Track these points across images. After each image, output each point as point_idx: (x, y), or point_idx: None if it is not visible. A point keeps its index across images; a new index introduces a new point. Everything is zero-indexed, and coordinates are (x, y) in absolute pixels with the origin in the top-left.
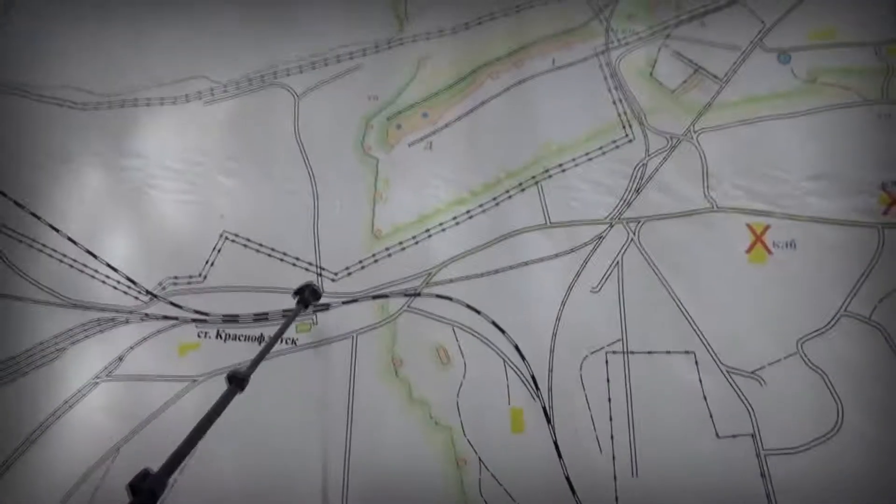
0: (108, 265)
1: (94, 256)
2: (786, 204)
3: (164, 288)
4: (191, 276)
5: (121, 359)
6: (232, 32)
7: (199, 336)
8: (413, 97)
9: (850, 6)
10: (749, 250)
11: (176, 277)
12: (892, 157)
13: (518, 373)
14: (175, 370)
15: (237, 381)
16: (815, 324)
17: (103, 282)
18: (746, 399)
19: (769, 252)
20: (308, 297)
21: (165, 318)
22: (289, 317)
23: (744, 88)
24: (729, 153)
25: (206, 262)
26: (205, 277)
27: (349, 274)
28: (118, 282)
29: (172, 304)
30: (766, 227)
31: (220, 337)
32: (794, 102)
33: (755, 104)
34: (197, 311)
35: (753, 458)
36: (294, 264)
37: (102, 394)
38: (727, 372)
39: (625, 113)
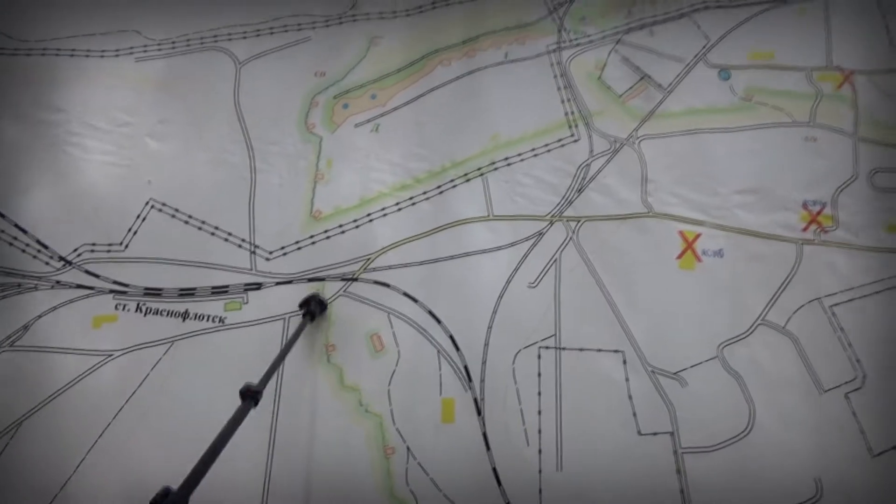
0: (17, 226)
1: (2, 216)
2: (716, 214)
3: (79, 255)
4: (111, 245)
5: (26, 328)
6: None
7: (116, 308)
8: (362, 77)
9: (788, 32)
10: (680, 256)
11: (94, 244)
12: (814, 177)
13: (452, 363)
14: (89, 343)
15: (252, 395)
16: (736, 330)
17: (10, 244)
18: (668, 399)
19: (698, 259)
20: (314, 308)
21: (80, 286)
22: (296, 331)
23: (685, 100)
24: (667, 161)
25: (129, 231)
26: (126, 246)
27: (284, 254)
28: (27, 244)
29: (88, 272)
30: (697, 236)
31: (140, 311)
32: (730, 118)
33: (695, 116)
34: (116, 282)
35: (671, 455)
36: (226, 239)
37: (4, 364)
38: (652, 372)
39: (572, 113)
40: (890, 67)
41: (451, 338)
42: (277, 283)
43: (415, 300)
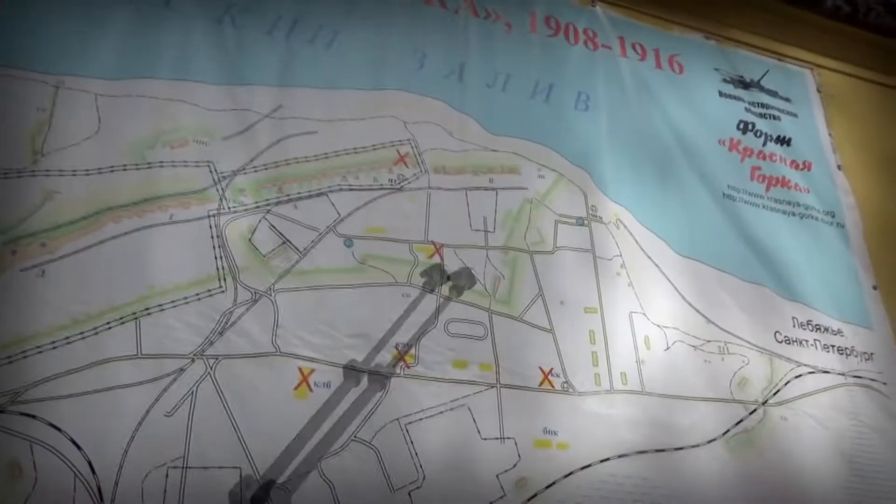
0: None
1: None
2: (329, 353)
3: None
4: None
5: None
6: None
7: None
8: (34, 227)
9: (398, 212)
10: (296, 387)
11: None
12: (406, 326)
13: (87, 485)
14: None
15: None
16: (334, 446)
17: None
18: None
19: (311, 390)
20: None
21: None
22: None
23: (316, 261)
24: (296, 310)
25: None
26: None
27: None
28: None
29: None
30: (312, 371)
31: None
32: (349, 277)
33: (322, 275)
34: None
35: None
36: None
37: None
38: (263, 481)
39: (223, 268)
40: (465, 244)
41: (89, 462)
42: None
43: (59, 429)
